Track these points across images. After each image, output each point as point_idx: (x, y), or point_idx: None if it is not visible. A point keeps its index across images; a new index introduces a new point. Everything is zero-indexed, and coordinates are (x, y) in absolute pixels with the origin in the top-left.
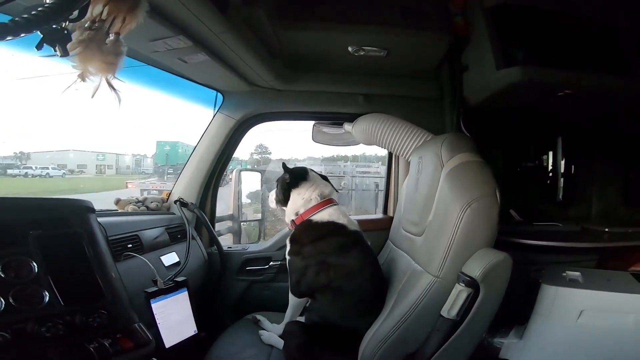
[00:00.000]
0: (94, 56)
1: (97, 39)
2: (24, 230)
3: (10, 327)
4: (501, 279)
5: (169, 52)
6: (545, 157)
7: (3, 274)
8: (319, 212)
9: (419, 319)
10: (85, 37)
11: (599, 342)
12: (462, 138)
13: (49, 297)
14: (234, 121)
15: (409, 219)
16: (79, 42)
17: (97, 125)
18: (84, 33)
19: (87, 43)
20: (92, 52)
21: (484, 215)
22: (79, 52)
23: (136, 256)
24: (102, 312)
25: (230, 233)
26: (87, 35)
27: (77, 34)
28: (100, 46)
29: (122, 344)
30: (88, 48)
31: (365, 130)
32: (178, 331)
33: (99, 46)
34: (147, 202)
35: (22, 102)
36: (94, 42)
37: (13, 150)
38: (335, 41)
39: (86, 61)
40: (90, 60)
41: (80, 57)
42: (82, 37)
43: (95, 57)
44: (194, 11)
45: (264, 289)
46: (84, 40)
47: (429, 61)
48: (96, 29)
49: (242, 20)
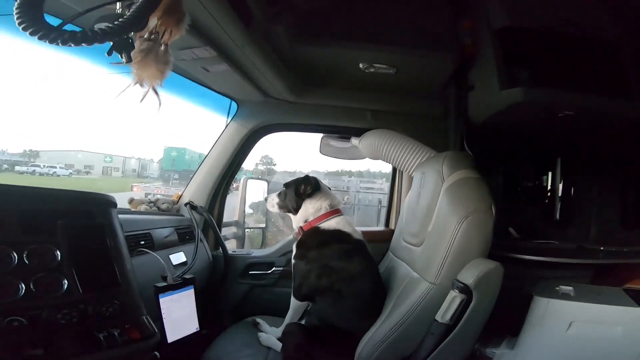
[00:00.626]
0: (150, 64)
1: (154, 49)
2: (52, 219)
3: (27, 312)
4: (493, 286)
5: (194, 61)
6: (544, 177)
7: (27, 261)
8: (327, 220)
9: (415, 323)
10: (145, 47)
11: (588, 352)
12: (462, 156)
13: (67, 285)
14: (246, 130)
15: (409, 230)
16: (140, 51)
17: (106, 128)
18: (143, 43)
19: (146, 52)
20: (149, 60)
21: (479, 228)
22: (140, 60)
23: (149, 252)
24: (115, 302)
25: (234, 238)
26: (147, 46)
27: (138, 44)
28: (156, 56)
29: (130, 334)
30: (147, 57)
31: (371, 145)
32: (181, 327)
33: (156, 55)
34: (158, 203)
35: (38, 100)
36: (152, 52)
37: (23, 148)
38: (347, 58)
39: (144, 68)
40: (148, 68)
41: (139, 65)
42: (142, 47)
43: (151, 65)
44: (221, 23)
45: (265, 293)
46: (144, 49)
47: (436, 80)
48: (154, 40)
49: (262, 35)
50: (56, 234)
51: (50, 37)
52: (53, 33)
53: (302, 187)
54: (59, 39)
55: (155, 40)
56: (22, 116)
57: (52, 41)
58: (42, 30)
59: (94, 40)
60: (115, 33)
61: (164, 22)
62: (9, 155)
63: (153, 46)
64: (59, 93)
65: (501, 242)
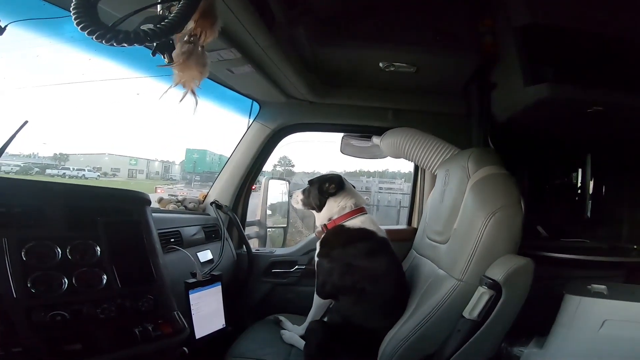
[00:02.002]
0: (191, 66)
1: (194, 52)
2: (93, 216)
3: (70, 306)
4: (523, 282)
5: (220, 63)
6: (574, 174)
7: (70, 256)
8: (352, 219)
9: (440, 320)
10: (186, 50)
11: (621, 351)
12: (487, 152)
13: (106, 280)
14: (269, 130)
15: (433, 228)
16: (182, 54)
17: (131, 130)
18: (184, 46)
19: (188, 55)
20: (191, 62)
21: (508, 224)
22: (182, 62)
23: (179, 249)
24: (150, 297)
25: (256, 237)
26: (188, 48)
27: (179, 47)
28: (197, 58)
29: (163, 329)
30: (189, 59)
31: (393, 144)
32: (208, 323)
33: (196, 58)
34: (185, 202)
35: (69, 105)
36: (193, 54)
37: (53, 151)
38: (367, 57)
39: (186, 70)
40: (189, 70)
41: (181, 67)
42: (184, 49)
43: (192, 67)
44: (246, 26)
45: (287, 292)
46: (185, 52)
47: (457, 78)
48: (193, 42)
49: (285, 36)
50: (96, 230)
51: (107, 37)
52: (109, 33)
53: (325, 185)
54: (114, 39)
55: (195, 43)
56: (51, 120)
57: (108, 41)
58: (99, 30)
59: (145, 40)
60: (163, 34)
61: (200, 25)
62: (39, 158)
63: (194, 49)
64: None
65: (530, 241)
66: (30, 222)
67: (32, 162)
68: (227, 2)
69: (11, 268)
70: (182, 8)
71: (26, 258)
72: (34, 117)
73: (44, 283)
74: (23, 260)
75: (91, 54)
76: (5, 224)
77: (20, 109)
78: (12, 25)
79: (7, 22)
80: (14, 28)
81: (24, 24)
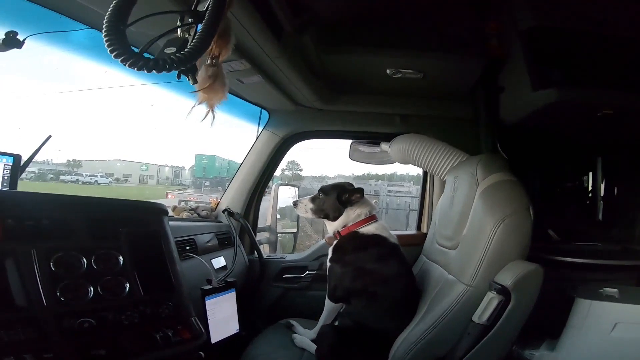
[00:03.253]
0: (218, 89)
1: (219, 74)
2: (115, 227)
3: (96, 314)
4: (532, 288)
5: (230, 73)
6: (585, 177)
7: (95, 266)
8: (366, 225)
9: (450, 324)
10: (212, 73)
11: (633, 355)
12: (496, 158)
13: (129, 288)
14: (278, 138)
15: (443, 233)
16: (208, 77)
17: (142, 137)
18: (209, 69)
19: (214, 78)
20: (217, 86)
21: (517, 230)
22: (209, 85)
23: (194, 257)
24: (169, 304)
25: (267, 243)
26: (213, 72)
27: (205, 71)
28: (221, 80)
29: (182, 334)
30: (215, 83)
31: (401, 150)
32: (223, 328)
33: (221, 80)
34: (198, 210)
35: (82, 113)
36: (219, 78)
37: (66, 158)
38: (374, 64)
39: (213, 93)
40: (216, 92)
41: (208, 90)
42: (209, 73)
43: (219, 89)
44: (255, 37)
45: (298, 296)
46: (211, 75)
47: (464, 83)
48: (217, 65)
49: (293, 46)
50: (119, 240)
51: (139, 65)
52: (141, 61)
53: (346, 196)
54: (145, 66)
55: (218, 65)
56: (65, 127)
57: (139, 68)
58: (131, 58)
59: (172, 67)
60: (188, 60)
61: (218, 45)
62: (53, 165)
63: (218, 71)
64: (101, 105)
65: (541, 245)
66: (57, 234)
67: (46, 168)
68: (237, 16)
69: (41, 277)
70: (205, 32)
71: (55, 268)
72: (50, 126)
73: (72, 291)
74: (52, 270)
75: (107, 66)
76: (34, 237)
77: (39, 117)
78: (30, 38)
79: (25, 35)
80: (32, 41)
81: (42, 37)
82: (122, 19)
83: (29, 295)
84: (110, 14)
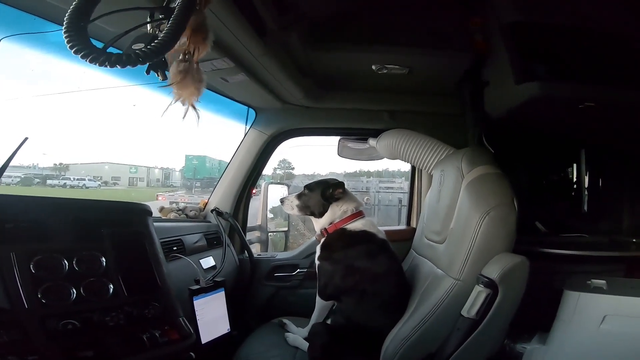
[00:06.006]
0: (189, 84)
1: (190, 69)
2: (97, 228)
3: (80, 315)
4: (519, 280)
5: (214, 72)
6: (570, 170)
7: (77, 267)
8: (354, 222)
9: (440, 319)
10: (182, 68)
11: (622, 347)
12: (481, 151)
13: (113, 289)
14: (266, 136)
15: (431, 228)
16: (178, 72)
17: (130, 139)
18: (180, 64)
19: (185, 74)
20: (188, 81)
21: (502, 223)
22: (179, 80)
23: (182, 257)
24: (156, 305)
25: (258, 242)
26: (184, 67)
27: (175, 66)
28: (193, 75)
29: (169, 335)
30: (186, 77)
31: (389, 145)
32: (214, 328)
33: (193, 75)
34: (186, 211)
35: (67, 116)
36: (190, 72)
37: (53, 162)
38: (359, 60)
39: (184, 88)
40: (187, 88)
41: (179, 85)
42: (180, 68)
43: (190, 85)
44: (237, 36)
45: (290, 295)
46: (182, 70)
47: (450, 78)
48: (188, 60)
49: (277, 44)
50: (101, 241)
51: (100, 60)
52: (102, 56)
53: (330, 191)
54: (107, 61)
55: (190, 61)
56: (50, 131)
57: (101, 64)
58: (92, 53)
59: (137, 62)
60: (154, 55)
61: (192, 41)
62: (40, 169)
63: (189, 67)
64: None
65: (529, 237)
66: (37, 236)
67: (33, 173)
68: (217, 14)
69: (21, 280)
70: (172, 27)
71: (35, 270)
72: (33, 129)
73: (54, 293)
74: (32, 272)
75: (85, 66)
76: (14, 239)
77: (19, 121)
78: (5, 40)
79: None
80: (7, 43)
81: (17, 38)
82: (83, 15)
83: (10, 298)
84: (70, 11)
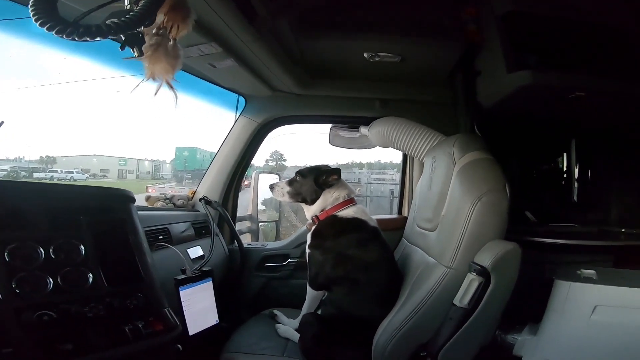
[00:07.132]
0: (161, 58)
1: (163, 44)
2: (75, 215)
3: (57, 306)
4: (511, 267)
5: (201, 58)
6: (560, 159)
7: (54, 256)
8: (345, 209)
9: (432, 308)
10: (154, 42)
11: (613, 338)
12: (472, 138)
13: (92, 279)
14: (255, 124)
15: (423, 216)
16: (150, 46)
17: (119, 130)
18: (152, 38)
19: (156, 47)
20: (159, 54)
21: (494, 209)
22: (150, 54)
23: (168, 246)
24: (139, 295)
25: (248, 232)
26: (156, 40)
27: (148, 39)
28: (166, 50)
29: (154, 327)
30: (157, 51)
31: (380, 133)
32: (201, 319)
33: (165, 50)
34: (174, 200)
35: (52, 107)
36: (162, 47)
37: (39, 154)
38: (351, 47)
39: (155, 62)
40: (159, 62)
41: (150, 59)
42: (152, 42)
43: (162, 59)
44: (225, 20)
45: (281, 286)
46: (153, 44)
47: (442, 67)
48: (162, 35)
49: (268, 30)
50: (80, 229)
51: (67, 32)
52: (69, 27)
53: (324, 177)
54: (74, 33)
55: (164, 35)
56: (35, 122)
57: (68, 35)
58: (58, 25)
59: (108, 33)
60: (126, 27)
61: (170, 18)
62: (26, 162)
63: (162, 40)
64: (69, 97)
65: (518, 227)
66: (12, 224)
67: (18, 166)
68: None
69: None
70: (147, 2)
71: (9, 259)
72: (17, 121)
73: (29, 283)
74: (6, 261)
75: (65, 52)
76: None
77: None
78: None
79: None
80: None
81: None
82: None
83: None
84: None
